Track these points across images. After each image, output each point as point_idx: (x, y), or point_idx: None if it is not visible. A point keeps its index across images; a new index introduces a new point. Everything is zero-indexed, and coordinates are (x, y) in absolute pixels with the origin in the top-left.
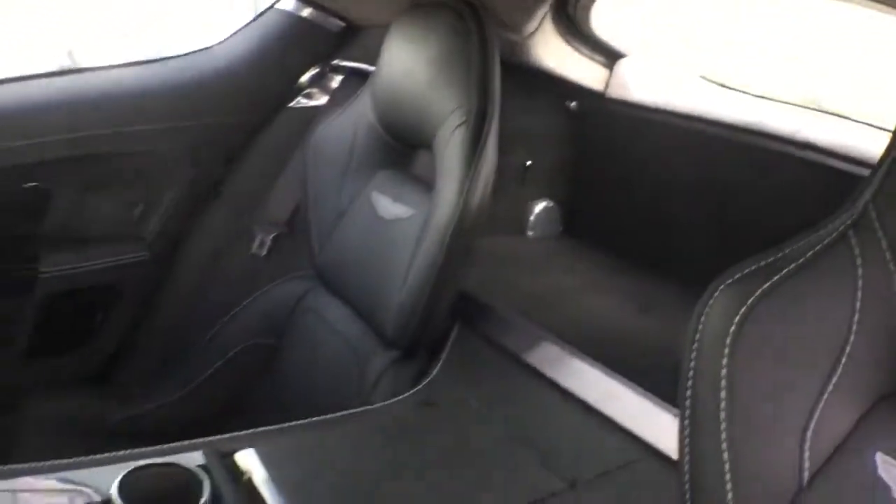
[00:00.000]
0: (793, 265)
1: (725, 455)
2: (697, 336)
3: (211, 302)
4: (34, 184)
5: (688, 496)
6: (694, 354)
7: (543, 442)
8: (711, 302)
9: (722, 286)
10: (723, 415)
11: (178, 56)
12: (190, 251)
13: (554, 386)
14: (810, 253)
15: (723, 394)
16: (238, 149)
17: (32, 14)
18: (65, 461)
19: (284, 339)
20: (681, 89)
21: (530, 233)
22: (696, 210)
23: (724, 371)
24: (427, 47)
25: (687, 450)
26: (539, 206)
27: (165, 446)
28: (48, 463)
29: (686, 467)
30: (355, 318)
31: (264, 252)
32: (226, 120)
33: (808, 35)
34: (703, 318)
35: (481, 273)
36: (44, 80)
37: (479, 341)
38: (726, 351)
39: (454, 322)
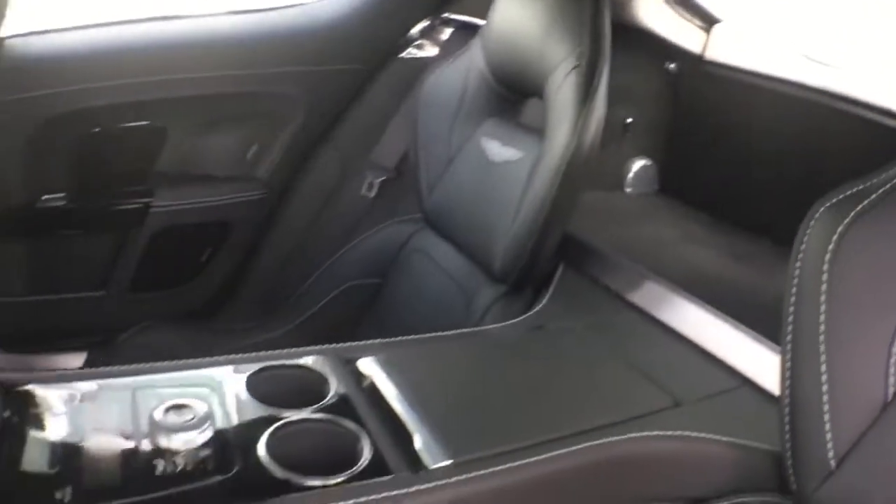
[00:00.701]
0: (885, 187)
1: (823, 367)
2: (800, 255)
3: (319, 242)
4: (150, 122)
5: (787, 410)
6: (797, 272)
7: (646, 366)
8: (812, 223)
9: (822, 208)
10: (822, 328)
11: (296, 5)
12: (301, 192)
13: (656, 321)
14: None
15: (822, 307)
16: (350, 95)
17: None
18: (196, 360)
19: (389, 278)
20: (775, 55)
21: (628, 189)
22: (789, 173)
23: (823, 286)
24: None
25: (788, 364)
26: (637, 164)
27: (291, 350)
28: (182, 362)
29: (787, 382)
30: (462, 257)
31: (372, 195)
32: (339, 67)
33: None
34: (805, 238)
35: (582, 224)
36: (165, 22)
37: (583, 280)
38: (825, 267)
39: (559, 261)
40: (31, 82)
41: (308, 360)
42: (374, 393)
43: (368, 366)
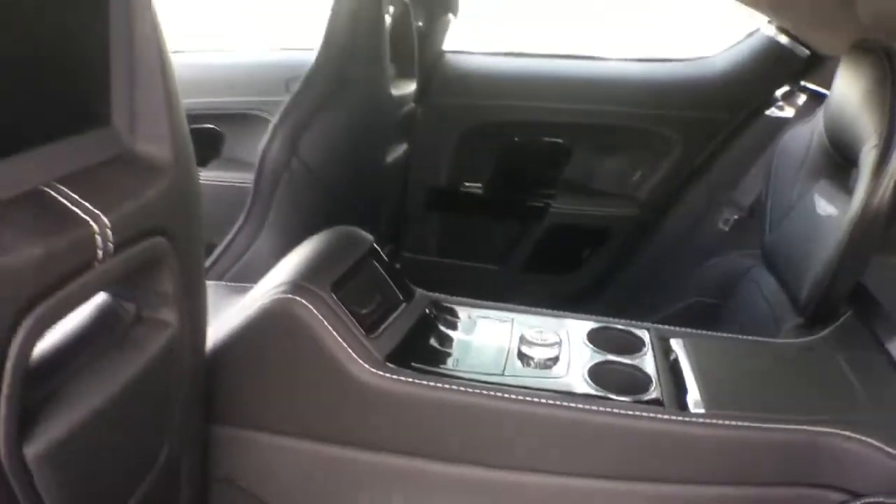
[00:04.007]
0: None
1: None
2: None
3: (678, 260)
4: (559, 140)
5: None
6: None
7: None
8: None
9: None
10: None
11: (683, 59)
12: (671, 216)
13: None
14: None
15: None
16: (719, 141)
17: None
18: (560, 311)
19: (728, 301)
20: None
21: None
22: None
23: None
24: (860, 81)
25: None
26: None
27: (627, 321)
28: (550, 311)
29: None
30: (782, 291)
31: (727, 228)
32: (712, 115)
33: None
34: None
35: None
36: (579, 61)
37: (864, 332)
38: None
39: (849, 309)
40: (466, 92)
41: (635, 329)
42: (672, 359)
43: (676, 343)
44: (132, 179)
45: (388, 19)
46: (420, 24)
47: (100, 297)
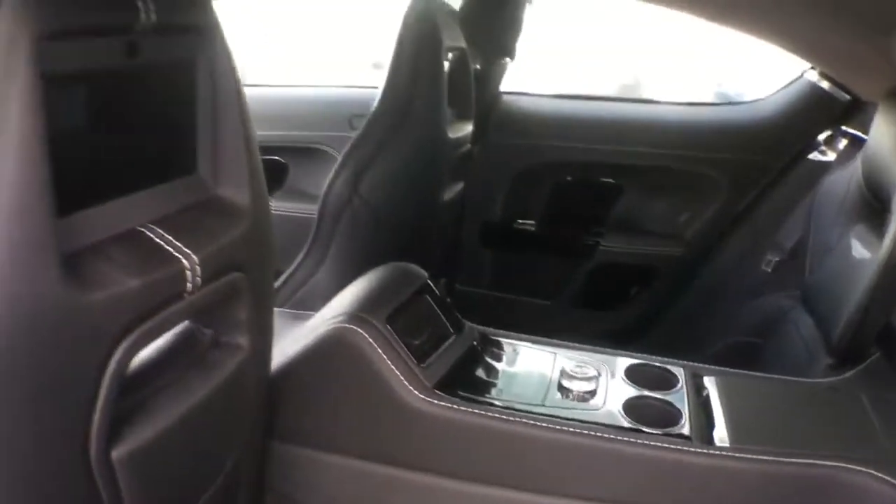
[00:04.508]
0: None
1: None
2: None
3: (722, 299)
4: (610, 180)
5: None
6: None
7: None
8: None
9: None
10: None
11: (730, 104)
12: (715, 256)
13: None
14: None
15: None
16: (764, 184)
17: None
18: (604, 349)
19: (769, 340)
20: None
21: None
22: None
23: None
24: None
25: None
26: None
27: (664, 358)
28: (592, 347)
29: None
30: (818, 331)
31: (769, 270)
32: (758, 159)
33: None
34: None
35: None
36: (631, 104)
37: (891, 374)
38: None
39: (878, 350)
40: (522, 133)
41: (671, 367)
42: (704, 396)
43: (709, 381)
44: (217, 221)
45: (446, 65)
46: (478, 66)
47: (183, 323)
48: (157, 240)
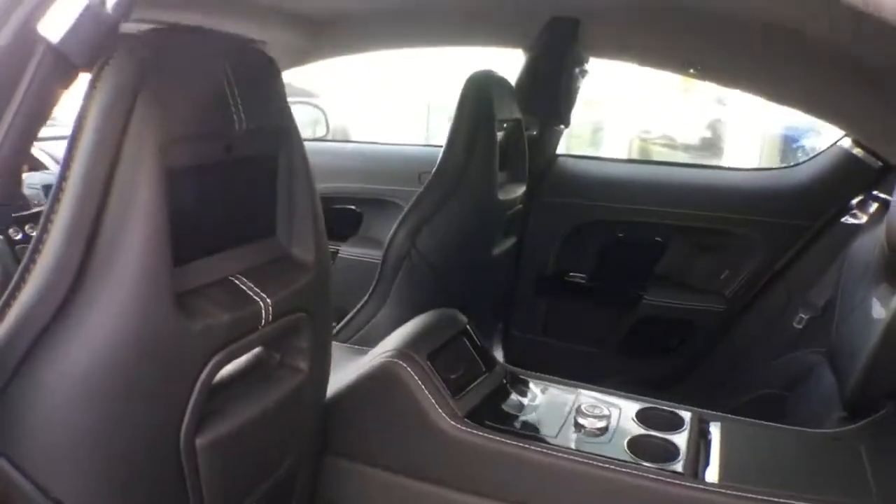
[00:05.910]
0: None
1: None
2: None
3: (754, 353)
4: (657, 238)
5: None
6: None
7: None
8: None
9: None
10: None
11: (769, 169)
12: (751, 312)
13: None
14: None
15: None
16: (800, 245)
17: None
18: (618, 391)
19: (795, 393)
20: None
21: None
22: None
23: None
24: None
25: None
26: None
27: (676, 404)
28: (595, 387)
29: None
30: (836, 384)
31: (800, 327)
32: (794, 222)
33: None
34: None
35: None
36: (676, 168)
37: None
38: None
39: (889, 404)
40: (576, 192)
41: (679, 411)
42: (706, 439)
43: (714, 426)
44: (288, 274)
45: (500, 135)
46: (534, 132)
47: (257, 348)
48: (243, 286)
